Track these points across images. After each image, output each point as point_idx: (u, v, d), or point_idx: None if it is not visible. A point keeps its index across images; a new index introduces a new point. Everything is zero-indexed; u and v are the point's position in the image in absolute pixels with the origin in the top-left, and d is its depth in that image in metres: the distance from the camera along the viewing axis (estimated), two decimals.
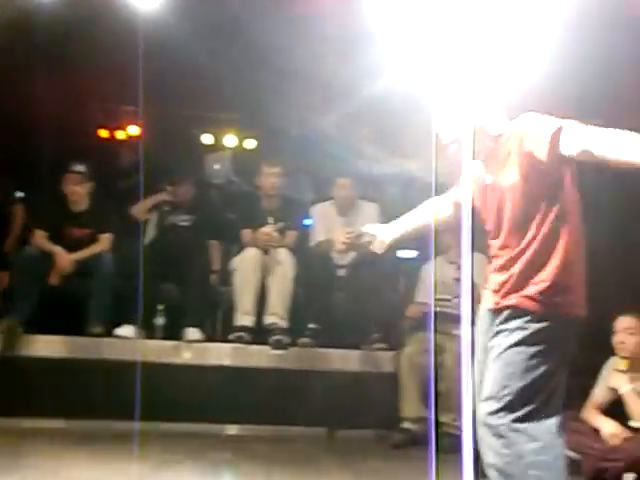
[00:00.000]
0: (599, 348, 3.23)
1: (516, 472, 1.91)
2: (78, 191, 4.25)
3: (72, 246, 4.18)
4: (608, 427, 3.02)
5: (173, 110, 5.71)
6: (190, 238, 4.47)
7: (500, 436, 1.93)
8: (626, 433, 2.97)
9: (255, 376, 4.07)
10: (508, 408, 1.94)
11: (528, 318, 1.97)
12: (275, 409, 3.99)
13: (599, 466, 2.85)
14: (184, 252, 4.32)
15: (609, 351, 3.19)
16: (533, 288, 1.99)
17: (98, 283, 4.10)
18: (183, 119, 5.87)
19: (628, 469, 2.80)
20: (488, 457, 1.97)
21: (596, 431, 3.04)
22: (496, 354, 2.00)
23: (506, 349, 1.98)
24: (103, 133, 5.90)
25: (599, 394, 3.19)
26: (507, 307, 2.03)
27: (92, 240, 4.26)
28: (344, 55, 4.19)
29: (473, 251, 2.14)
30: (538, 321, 1.97)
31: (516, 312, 2.00)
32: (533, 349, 1.96)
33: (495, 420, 1.95)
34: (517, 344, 1.97)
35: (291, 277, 4.20)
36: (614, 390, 3.11)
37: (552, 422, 1.97)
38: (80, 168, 4.25)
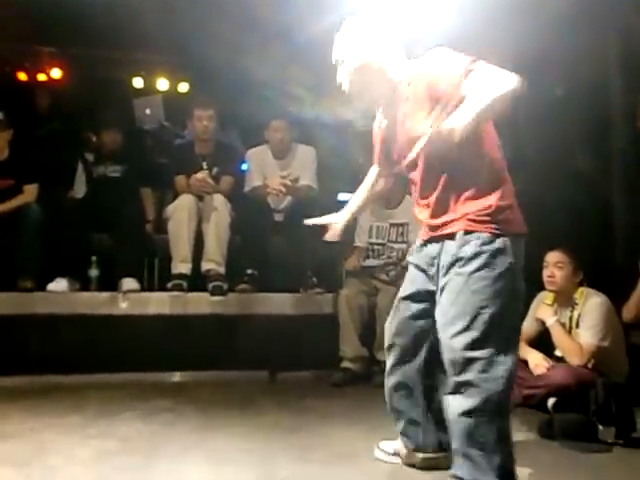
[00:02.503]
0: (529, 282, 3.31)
1: (493, 399, 1.85)
2: None
3: None
4: (533, 358, 3.16)
5: (100, 52, 5.44)
6: (121, 187, 4.32)
7: (482, 370, 1.85)
8: (551, 362, 3.11)
9: (195, 323, 4.05)
10: (485, 337, 1.86)
11: (481, 241, 1.91)
12: (216, 355, 3.98)
13: (525, 393, 2.98)
14: (116, 202, 4.18)
15: (538, 285, 3.28)
16: (476, 210, 1.95)
17: (26, 236, 3.93)
18: (111, 62, 5.60)
19: (550, 394, 2.93)
20: (469, 393, 1.88)
21: (524, 361, 3.17)
22: (460, 284, 1.91)
23: (468, 277, 1.90)
24: (22, 76, 5.55)
25: (527, 327, 3.31)
26: (454, 234, 1.96)
27: (16, 191, 4.08)
28: None
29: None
30: (491, 242, 1.91)
31: (467, 237, 1.93)
32: (496, 272, 1.89)
33: (474, 353, 1.86)
34: (479, 269, 1.90)
35: (227, 223, 4.14)
36: (541, 322, 3.24)
37: (516, 347, 1.97)
38: None
